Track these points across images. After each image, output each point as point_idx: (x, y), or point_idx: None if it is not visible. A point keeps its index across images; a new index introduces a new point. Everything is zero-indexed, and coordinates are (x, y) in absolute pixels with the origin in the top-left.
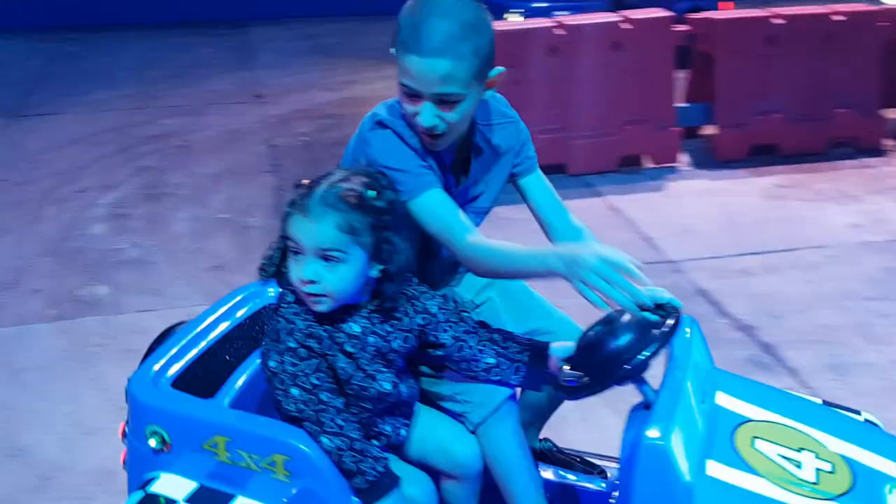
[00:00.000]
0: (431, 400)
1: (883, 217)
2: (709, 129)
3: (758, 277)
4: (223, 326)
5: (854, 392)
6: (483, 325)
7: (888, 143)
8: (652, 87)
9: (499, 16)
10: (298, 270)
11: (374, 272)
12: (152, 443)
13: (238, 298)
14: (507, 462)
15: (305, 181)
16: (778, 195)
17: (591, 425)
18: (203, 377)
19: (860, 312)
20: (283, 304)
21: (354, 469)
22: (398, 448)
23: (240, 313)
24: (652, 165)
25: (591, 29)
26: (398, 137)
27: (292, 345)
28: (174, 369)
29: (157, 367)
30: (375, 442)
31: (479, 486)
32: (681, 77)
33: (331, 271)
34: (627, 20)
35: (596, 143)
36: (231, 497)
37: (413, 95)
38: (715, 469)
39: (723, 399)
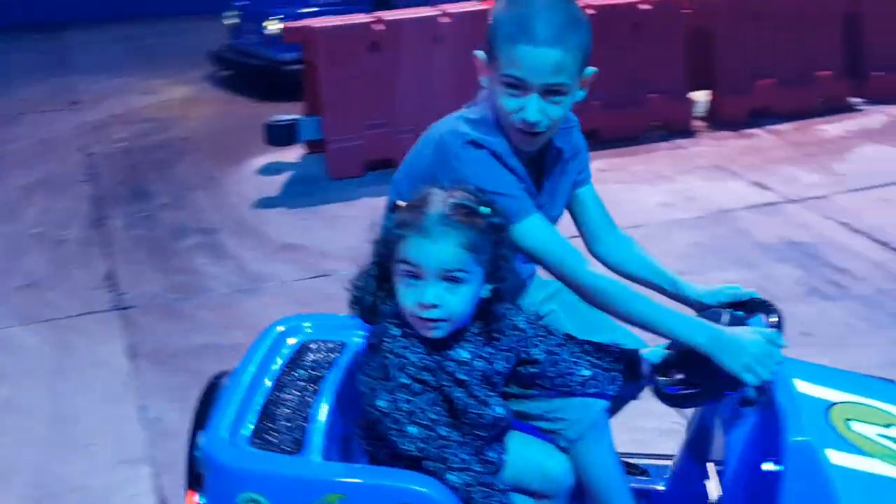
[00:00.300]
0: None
1: (692, 195)
2: None
3: None
4: (276, 370)
5: None
6: (570, 337)
7: (697, 124)
8: (475, 80)
9: (257, 23)
10: (416, 295)
11: (485, 292)
12: None
13: (275, 335)
14: (605, 476)
15: (402, 203)
16: (599, 179)
17: None
18: (277, 431)
19: None
20: (386, 339)
21: None
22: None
23: (284, 352)
24: None
25: (410, 24)
26: (496, 158)
27: (405, 381)
28: (248, 427)
29: (226, 425)
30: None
31: (568, 502)
32: None
33: (452, 293)
34: (446, 14)
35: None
36: None
37: (520, 88)
38: (835, 457)
39: (801, 386)
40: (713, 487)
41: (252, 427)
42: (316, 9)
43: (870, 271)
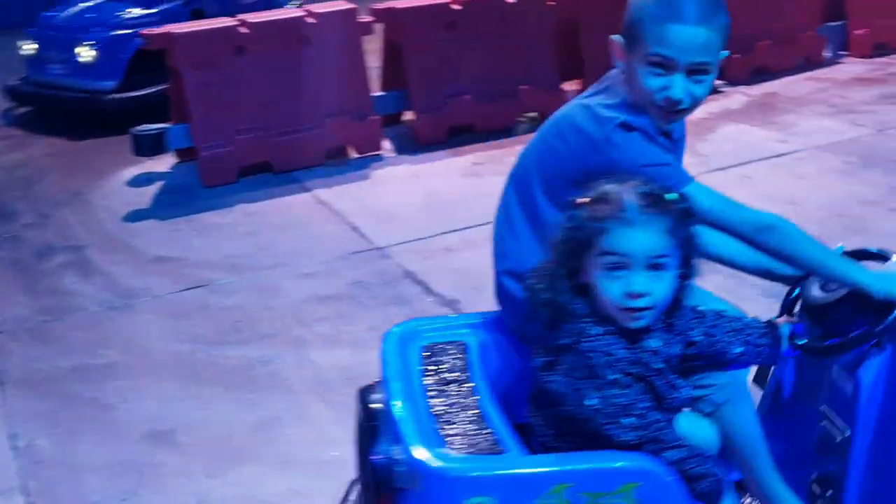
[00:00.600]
0: None
1: None
2: (408, 115)
3: (460, 253)
4: (417, 377)
5: None
6: (720, 315)
7: None
8: (346, 78)
9: (65, 51)
10: (624, 286)
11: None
12: None
13: (397, 342)
14: (749, 436)
15: (585, 199)
16: (475, 172)
17: None
18: (465, 435)
19: None
20: (585, 339)
21: (700, 473)
22: None
23: (414, 358)
24: (357, 155)
25: (275, 26)
26: (647, 137)
27: (614, 377)
28: (436, 435)
29: (416, 437)
30: None
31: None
32: (376, 66)
33: (658, 280)
34: (311, 14)
35: (299, 139)
36: None
37: (665, 67)
38: None
39: None
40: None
41: (441, 435)
42: (130, 31)
43: None
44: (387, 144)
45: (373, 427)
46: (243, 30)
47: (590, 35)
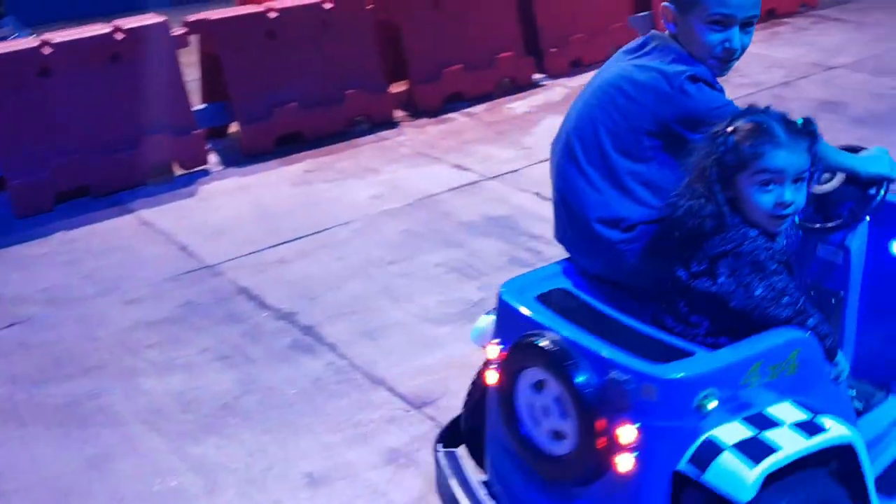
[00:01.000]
0: None
1: (399, 185)
2: (234, 127)
3: (293, 264)
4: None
5: (384, 351)
6: None
7: (398, 114)
8: (164, 93)
9: None
10: (776, 197)
11: None
12: (712, 405)
13: (515, 297)
14: None
15: (731, 128)
16: (306, 180)
17: None
18: (645, 350)
19: (384, 277)
20: (747, 241)
21: (826, 332)
22: None
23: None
24: (182, 172)
25: (81, 45)
26: (710, 84)
27: (773, 266)
28: (635, 352)
29: (627, 358)
30: None
31: None
32: (196, 79)
33: (799, 192)
34: (120, 30)
35: (118, 159)
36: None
37: (723, 23)
38: None
39: None
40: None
41: (633, 354)
42: None
43: None
44: (213, 158)
45: (569, 364)
46: (46, 50)
47: (411, 36)
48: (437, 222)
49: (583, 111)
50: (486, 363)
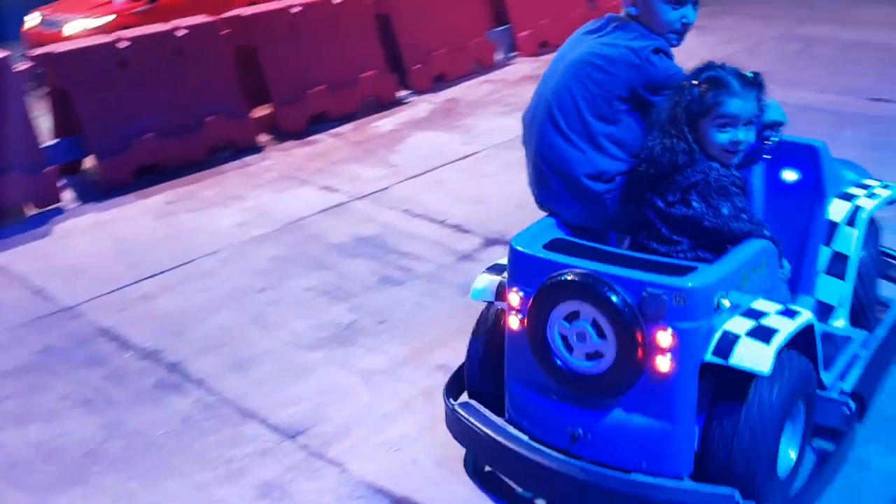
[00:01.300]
0: None
1: (265, 210)
2: (90, 161)
3: (157, 300)
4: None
5: (254, 382)
6: None
7: (262, 138)
8: (10, 131)
9: None
10: (731, 136)
11: None
12: (727, 303)
13: (529, 244)
14: None
15: (696, 82)
16: (168, 212)
17: None
18: (658, 269)
19: (253, 306)
20: (712, 171)
21: (776, 240)
22: None
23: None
24: (36, 211)
25: None
26: (668, 55)
27: (736, 190)
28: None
29: (657, 276)
30: None
31: None
32: (43, 115)
33: (749, 132)
34: None
35: None
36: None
37: (681, 2)
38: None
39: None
40: None
41: (657, 271)
42: None
43: (430, 250)
44: (68, 195)
45: (606, 289)
46: None
47: (271, 59)
48: (306, 246)
49: (560, 85)
50: (507, 310)
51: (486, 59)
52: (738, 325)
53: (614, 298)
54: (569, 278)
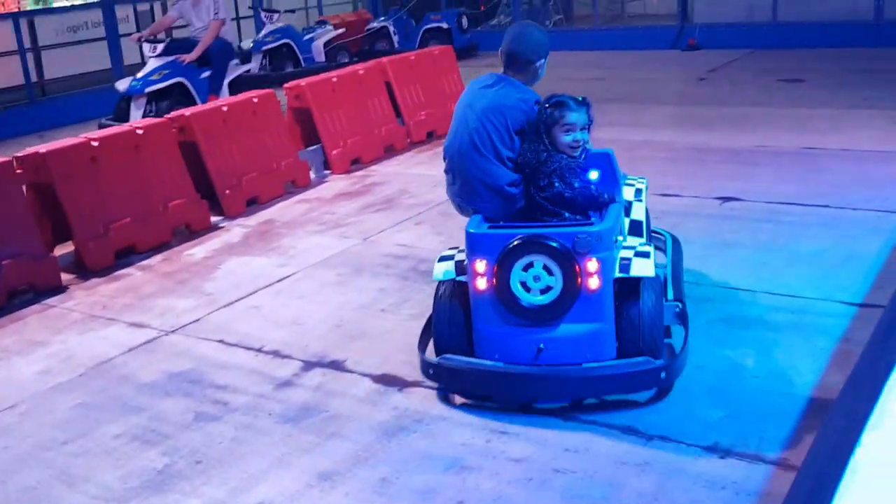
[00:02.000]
0: None
1: (70, 355)
2: None
3: None
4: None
5: None
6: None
7: (66, 277)
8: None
9: None
10: (573, 137)
11: None
12: (620, 238)
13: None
14: None
15: (548, 105)
16: None
17: None
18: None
19: (59, 460)
20: (564, 161)
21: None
22: None
23: None
24: None
25: None
26: (538, 103)
27: (579, 171)
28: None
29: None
30: None
31: None
32: None
33: (585, 135)
34: None
35: None
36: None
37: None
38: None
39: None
40: None
41: (566, 234)
42: None
43: (246, 379)
44: None
45: (551, 242)
46: None
47: (69, 194)
48: (115, 389)
49: (478, 124)
50: (472, 277)
51: (300, 178)
52: (626, 253)
53: (558, 245)
54: (524, 241)
